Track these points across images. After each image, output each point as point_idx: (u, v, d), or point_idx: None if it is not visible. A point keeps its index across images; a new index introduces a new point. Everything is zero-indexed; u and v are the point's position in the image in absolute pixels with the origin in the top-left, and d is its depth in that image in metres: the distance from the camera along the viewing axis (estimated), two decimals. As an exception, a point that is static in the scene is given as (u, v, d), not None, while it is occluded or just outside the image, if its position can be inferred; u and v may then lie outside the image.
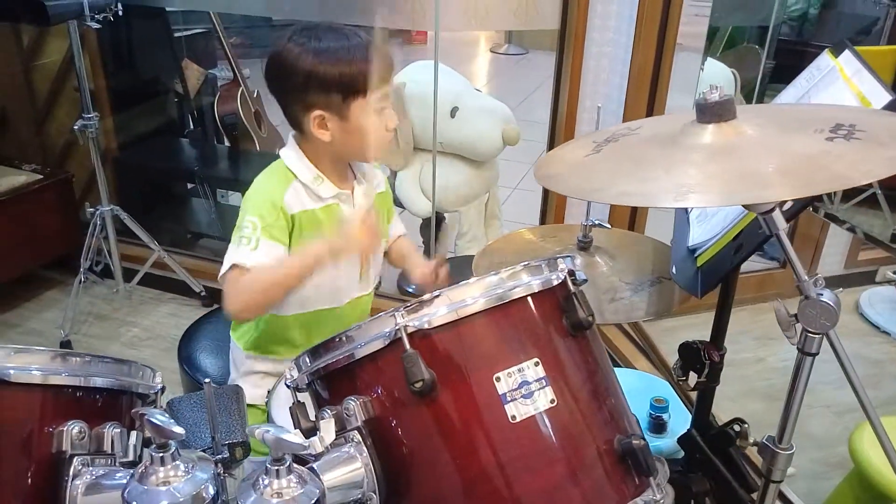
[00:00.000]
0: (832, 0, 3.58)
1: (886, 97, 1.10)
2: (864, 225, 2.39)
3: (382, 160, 2.76)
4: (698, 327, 1.40)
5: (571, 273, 0.91)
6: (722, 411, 1.30)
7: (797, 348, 1.00)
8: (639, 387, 1.96)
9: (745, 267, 2.88)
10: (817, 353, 0.98)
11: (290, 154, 1.37)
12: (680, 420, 1.82)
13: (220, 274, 1.30)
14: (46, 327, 2.82)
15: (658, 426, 1.83)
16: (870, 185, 2.32)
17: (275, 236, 1.29)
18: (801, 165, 0.83)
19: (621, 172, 0.93)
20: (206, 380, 0.92)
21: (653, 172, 0.90)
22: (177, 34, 3.39)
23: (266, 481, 0.75)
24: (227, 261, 1.28)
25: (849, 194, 2.38)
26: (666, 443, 1.79)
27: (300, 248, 1.31)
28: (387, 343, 0.83)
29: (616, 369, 2.44)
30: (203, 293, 2.92)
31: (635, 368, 2.37)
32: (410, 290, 2.72)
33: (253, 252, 1.27)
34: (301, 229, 1.34)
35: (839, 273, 3.10)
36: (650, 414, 1.84)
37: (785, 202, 1.17)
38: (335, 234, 1.29)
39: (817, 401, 2.40)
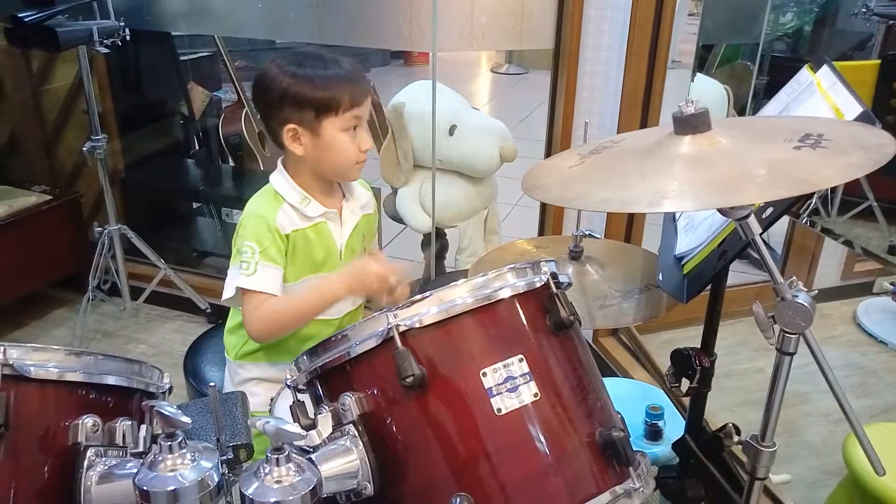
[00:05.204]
0: (826, 17, 3.63)
1: (858, 109, 1.15)
2: (860, 238, 2.43)
3: (385, 178, 2.83)
4: (695, 340, 1.43)
5: (554, 275, 0.96)
6: (722, 421, 1.34)
7: (776, 348, 1.04)
8: (635, 395, 2.00)
9: (742, 279, 2.93)
10: (794, 353, 1.02)
11: (279, 178, 1.45)
12: (675, 427, 1.84)
13: (225, 297, 1.39)
14: (55, 345, 2.85)
15: (654, 433, 1.86)
16: (866, 198, 2.36)
17: (272, 258, 1.38)
18: (768, 171, 0.88)
19: (602, 181, 0.99)
20: (212, 384, 0.97)
21: (631, 181, 0.95)
22: (182, 57, 3.47)
23: (267, 469, 0.79)
24: (230, 285, 1.37)
25: (845, 207, 2.42)
26: (662, 449, 1.81)
27: (319, 284, 1.39)
28: (380, 341, 0.88)
29: (614, 379, 2.48)
30: (209, 310, 2.97)
31: (633, 378, 2.40)
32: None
33: (253, 276, 1.36)
34: (294, 248, 1.42)
35: (836, 284, 3.12)
36: (646, 421, 1.86)
37: (764, 210, 1.22)
38: (355, 273, 1.36)
39: (815, 410, 2.43)
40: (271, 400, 1.49)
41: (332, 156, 1.39)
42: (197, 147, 3.61)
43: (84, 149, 2.67)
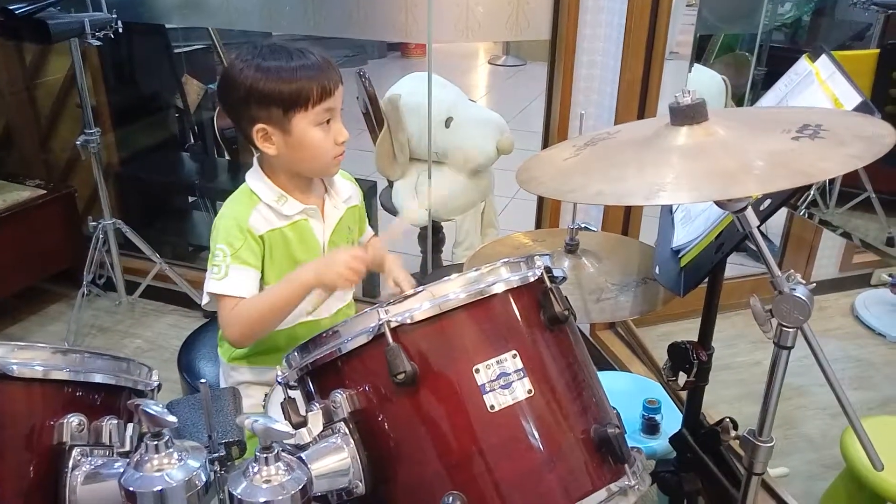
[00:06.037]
0: (824, 6, 3.62)
1: (857, 99, 1.14)
2: (859, 229, 2.42)
3: (380, 171, 2.81)
4: (692, 333, 1.42)
5: (548, 270, 0.94)
6: (720, 414, 1.33)
7: (773, 342, 1.03)
8: (632, 389, 1.99)
9: (739, 271, 2.92)
10: (792, 347, 1.01)
11: (254, 177, 1.41)
12: (673, 421, 1.84)
13: (204, 303, 1.35)
14: (50, 340, 2.85)
15: (651, 427, 1.85)
16: (864, 190, 2.35)
17: (245, 260, 1.33)
18: (766, 163, 0.87)
19: (597, 174, 0.97)
20: (203, 380, 0.96)
21: (627, 173, 0.94)
22: (177, 50, 3.45)
23: (256, 468, 0.78)
24: (205, 290, 1.33)
25: (844, 199, 2.41)
26: (659, 443, 1.81)
27: (289, 275, 1.33)
28: (371, 338, 0.87)
29: (610, 372, 2.47)
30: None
31: (630, 372, 2.40)
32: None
33: (223, 280, 1.31)
34: (271, 249, 1.37)
35: (834, 276, 3.12)
36: (643, 415, 1.86)
37: (762, 202, 1.20)
38: (324, 262, 1.31)
39: (813, 403, 2.42)
40: (265, 395, 1.48)
41: (307, 153, 1.33)
42: (192, 140, 3.60)
43: (78, 143, 2.66)
